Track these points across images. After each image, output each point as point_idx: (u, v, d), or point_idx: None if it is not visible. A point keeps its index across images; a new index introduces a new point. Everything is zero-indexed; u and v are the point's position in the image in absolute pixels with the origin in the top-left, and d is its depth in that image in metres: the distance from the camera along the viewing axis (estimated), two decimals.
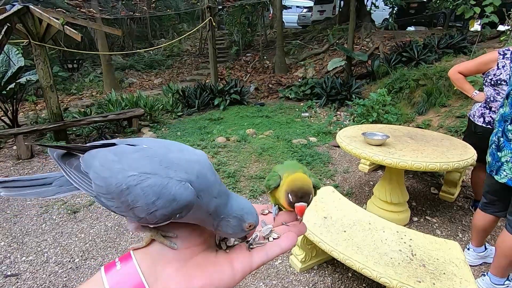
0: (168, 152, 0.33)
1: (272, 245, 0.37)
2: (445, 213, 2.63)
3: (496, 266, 1.77)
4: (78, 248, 2.27)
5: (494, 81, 2.17)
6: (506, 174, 1.64)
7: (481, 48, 5.93)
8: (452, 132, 4.23)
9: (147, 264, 0.31)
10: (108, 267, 0.31)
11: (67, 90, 8.61)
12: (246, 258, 0.35)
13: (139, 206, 0.30)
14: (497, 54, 2.18)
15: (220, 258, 0.35)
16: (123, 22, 12.00)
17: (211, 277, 0.33)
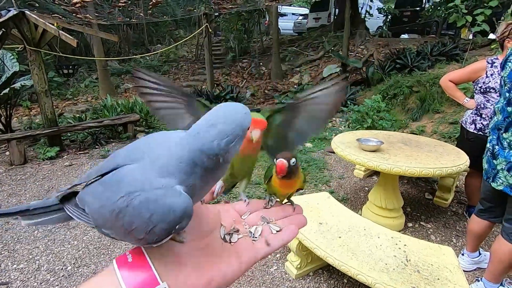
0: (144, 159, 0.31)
1: (275, 237, 0.38)
2: (440, 218, 2.65)
3: (491, 272, 1.78)
4: (70, 255, 2.24)
5: (484, 88, 2.22)
6: (502, 181, 1.66)
7: (473, 55, 6.05)
8: (445, 138, 4.28)
9: (157, 256, 0.32)
10: (120, 260, 0.32)
11: (62, 96, 8.57)
12: (251, 250, 0.37)
13: (136, 227, 0.29)
14: (486, 63, 2.24)
15: (227, 250, 0.36)
16: (120, 28, 12.04)
17: (219, 268, 0.34)
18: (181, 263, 0.33)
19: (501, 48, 2.25)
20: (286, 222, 0.41)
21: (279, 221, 0.41)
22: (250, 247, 0.37)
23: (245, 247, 0.37)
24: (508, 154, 1.59)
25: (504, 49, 2.20)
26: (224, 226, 0.39)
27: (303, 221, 0.41)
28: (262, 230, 0.39)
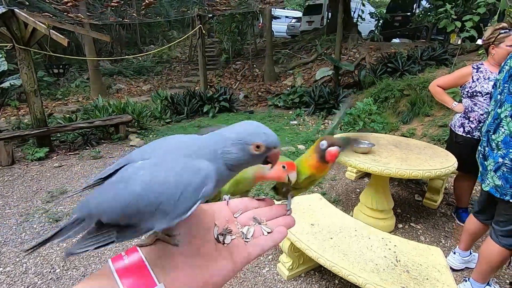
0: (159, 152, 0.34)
1: (266, 238, 0.39)
2: (429, 219, 2.70)
3: (478, 272, 1.81)
4: (59, 258, 2.19)
5: (470, 93, 2.29)
6: (488, 182, 1.70)
7: (461, 60, 6.19)
8: (435, 140, 4.36)
9: (153, 257, 0.33)
10: (116, 260, 0.32)
11: (52, 95, 8.42)
12: (244, 251, 0.38)
13: (163, 200, 0.29)
14: (471, 69, 2.31)
15: (221, 252, 0.37)
16: (112, 28, 11.92)
17: (214, 269, 0.35)
18: (177, 264, 0.33)
19: (487, 53, 2.32)
20: (275, 223, 0.42)
21: (269, 222, 0.42)
22: (243, 248, 0.38)
23: (238, 248, 0.38)
24: (496, 155, 1.63)
25: (489, 55, 2.27)
26: (218, 226, 0.39)
27: (291, 222, 0.43)
28: (254, 231, 0.40)
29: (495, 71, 2.24)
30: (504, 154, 1.58)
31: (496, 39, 2.16)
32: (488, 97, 2.20)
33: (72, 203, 2.96)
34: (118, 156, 4.25)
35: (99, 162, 4.01)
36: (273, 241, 0.39)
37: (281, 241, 0.40)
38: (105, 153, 4.38)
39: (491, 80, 2.20)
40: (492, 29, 2.21)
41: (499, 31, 2.15)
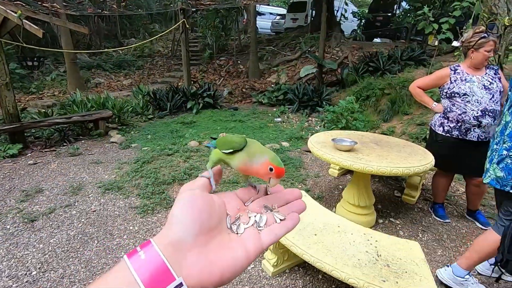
0: None
1: (280, 226, 0.39)
2: (407, 214, 2.80)
3: (467, 258, 1.84)
4: (35, 259, 2.11)
5: (449, 94, 2.38)
6: (490, 174, 1.74)
7: (438, 61, 6.44)
8: (413, 138, 4.53)
9: (169, 252, 0.32)
10: (131, 255, 0.31)
11: (26, 89, 8.00)
12: (257, 240, 0.37)
13: None
14: (449, 70, 2.41)
15: (234, 241, 0.37)
16: (90, 20, 11.45)
17: (228, 260, 0.34)
18: (194, 257, 0.33)
19: (464, 55, 2.42)
20: (287, 209, 0.42)
21: (281, 208, 0.42)
22: (256, 237, 0.38)
23: (251, 237, 0.37)
24: (501, 148, 1.69)
25: (467, 58, 2.37)
26: (230, 216, 0.39)
27: (303, 206, 0.43)
28: (266, 219, 0.40)
29: (471, 73, 2.34)
30: (509, 147, 1.64)
31: (476, 43, 2.25)
32: (465, 97, 2.30)
33: (48, 202, 2.85)
34: (97, 153, 4.11)
35: (78, 159, 3.87)
36: (287, 228, 0.39)
37: (294, 227, 0.40)
38: (84, 149, 4.23)
39: (468, 81, 2.30)
40: (472, 32, 2.30)
41: (479, 35, 2.25)
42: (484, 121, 2.26)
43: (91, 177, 3.39)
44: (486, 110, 2.25)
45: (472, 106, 2.28)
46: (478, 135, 2.33)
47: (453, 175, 2.68)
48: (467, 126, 2.33)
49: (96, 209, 2.75)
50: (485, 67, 2.36)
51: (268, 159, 0.42)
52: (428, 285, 1.46)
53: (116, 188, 3.10)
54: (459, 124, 2.37)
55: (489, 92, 2.26)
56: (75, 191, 3.05)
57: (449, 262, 2.20)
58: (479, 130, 2.32)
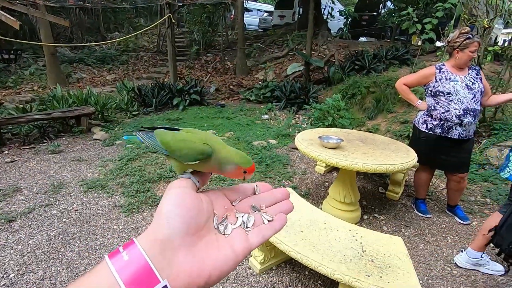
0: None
1: (267, 227, 0.39)
2: (391, 210, 2.88)
3: (477, 240, 2.04)
4: (13, 261, 2.02)
5: (434, 92, 2.44)
6: (508, 170, 1.86)
7: (421, 60, 6.61)
8: (397, 136, 4.64)
9: (156, 251, 0.30)
10: (113, 256, 0.30)
11: (2, 83, 7.65)
12: (245, 241, 0.37)
13: None
14: (435, 69, 2.46)
15: (222, 242, 0.36)
16: (72, 12, 11.04)
17: (217, 261, 0.34)
18: (180, 258, 0.32)
19: (449, 54, 2.48)
20: (275, 209, 0.41)
21: (269, 209, 0.41)
22: (244, 238, 0.37)
23: (239, 238, 0.37)
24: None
25: (452, 57, 2.43)
26: (217, 215, 0.38)
27: (290, 207, 0.43)
28: (254, 219, 0.39)
29: (455, 72, 2.41)
30: None
31: (461, 44, 2.32)
32: (449, 96, 2.36)
33: (27, 201, 2.74)
34: (80, 151, 3.99)
35: (58, 157, 3.74)
36: (274, 229, 0.39)
37: (281, 228, 0.40)
38: (65, 147, 4.09)
39: (452, 80, 2.37)
40: (458, 33, 2.37)
41: (465, 35, 2.31)
42: (465, 120, 2.34)
43: (72, 175, 3.29)
44: (467, 109, 2.33)
45: (455, 105, 2.35)
46: (459, 133, 2.41)
47: (433, 171, 2.77)
48: (449, 124, 2.40)
49: (78, 208, 2.67)
50: (467, 67, 2.44)
51: (239, 164, 0.42)
52: (410, 279, 1.50)
53: (99, 187, 3.02)
54: (442, 122, 2.44)
55: (471, 92, 2.33)
56: (55, 190, 2.95)
57: (430, 257, 2.27)
58: (460, 128, 2.40)
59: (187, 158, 0.41)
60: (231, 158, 0.42)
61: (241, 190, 0.43)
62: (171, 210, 0.34)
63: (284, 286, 1.93)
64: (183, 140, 0.43)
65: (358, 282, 1.47)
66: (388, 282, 1.46)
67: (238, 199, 0.42)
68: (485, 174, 3.51)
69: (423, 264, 2.19)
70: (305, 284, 1.96)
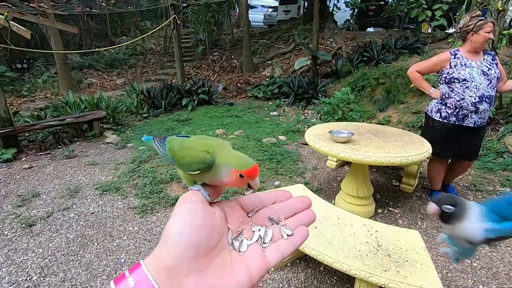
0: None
1: (287, 242, 0.35)
2: (406, 203, 2.82)
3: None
4: (35, 264, 2.09)
5: (448, 79, 2.36)
6: None
7: (432, 49, 6.43)
8: (409, 127, 4.53)
9: (163, 278, 0.29)
10: (119, 282, 0.28)
11: (17, 92, 7.88)
12: (262, 260, 0.34)
13: None
14: (449, 54, 2.38)
15: (236, 262, 0.33)
16: (80, 19, 11.25)
17: (230, 285, 0.31)
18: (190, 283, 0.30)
19: (463, 40, 2.40)
20: (296, 221, 0.38)
21: (288, 220, 0.38)
22: (261, 256, 0.34)
23: (255, 255, 0.34)
24: None
25: (467, 42, 2.34)
26: (231, 230, 0.36)
27: (312, 218, 0.38)
28: (272, 233, 0.36)
29: (471, 57, 2.32)
30: None
31: (475, 26, 2.24)
32: (464, 83, 2.29)
33: (45, 206, 2.82)
34: (93, 155, 4.08)
35: (73, 162, 3.83)
36: (294, 245, 0.35)
37: (303, 243, 0.36)
38: (80, 151, 4.19)
39: (467, 66, 2.28)
40: (469, 17, 2.29)
41: (477, 18, 2.24)
42: (481, 107, 2.27)
43: (88, 179, 3.36)
44: (483, 96, 2.25)
45: (470, 92, 2.28)
46: (475, 121, 2.34)
47: (447, 161, 2.69)
48: (465, 112, 2.33)
49: (94, 211, 2.73)
50: (482, 52, 2.35)
51: (233, 167, 0.36)
52: (429, 273, 1.46)
53: (113, 189, 3.08)
54: (457, 110, 2.37)
55: (487, 78, 2.25)
56: (72, 193, 3.02)
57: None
58: (476, 116, 2.32)
59: (189, 167, 0.38)
60: (225, 161, 0.37)
61: (258, 199, 0.39)
62: (180, 232, 0.31)
63: (299, 283, 1.92)
64: (188, 148, 0.40)
65: (375, 277, 1.45)
66: (405, 277, 1.44)
67: (254, 210, 0.39)
68: (504, 163, 3.40)
69: (442, 257, 2.14)
70: (321, 280, 1.95)
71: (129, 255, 2.18)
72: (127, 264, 2.10)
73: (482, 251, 2.18)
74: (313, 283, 1.92)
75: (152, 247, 2.27)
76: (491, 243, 0.40)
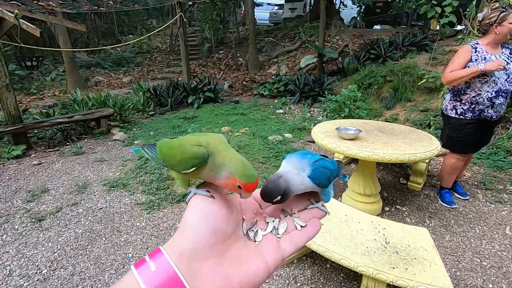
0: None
1: (300, 234, 0.36)
2: (413, 201, 2.79)
3: None
4: (45, 258, 2.12)
5: None
6: None
7: (441, 45, 6.34)
8: (417, 125, 4.48)
9: (183, 263, 0.29)
10: (139, 265, 0.29)
11: (26, 90, 8.00)
12: (277, 249, 0.34)
13: None
14: (470, 48, 2.32)
15: (252, 251, 0.34)
16: (87, 17, 11.36)
17: (246, 273, 0.31)
18: (209, 269, 0.30)
19: (483, 33, 2.33)
20: (308, 214, 0.38)
21: (301, 213, 0.38)
22: (275, 246, 0.34)
23: (270, 246, 0.34)
24: None
25: (489, 34, 2.28)
26: (246, 221, 0.36)
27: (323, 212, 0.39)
28: (287, 225, 0.36)
29: (490, 51, 2.26)
30: None
31: (498, 17, 2.19)
32: (484, 78, 2.25)
33: (54, 201, 2.86)
34: (101, 151, 4.12)
35: (81, 158, 3.88)
36: (307, 236, 0.36)
37: (316, 235, 0.37)
38: (87, 148, 4.24)
39: (487, 60, 2.23)
40: (490, 9, 2.24)
41: (499, 10, 2.19)
42: (497, 102, 2.26)
43: (95, 175, 3.40)
44: (500, 90, 2.24)
45: (488, 87, 2.25)
46: (491, 115, 2.32)
47: (466, 157, 2.62)
48: (481, 107, 2.31)
49: (102, 207, 2.76)
50: (500, 45, 2.31)
51: (234, 173, 0.34)
52: (438, 271, 1.45)
53: (121, 186, 3.11)
54: (472, 106, 2.34)
55: (505, 73, 2.23)
56: (80, 189, 3.06)
57: (457, 248, 2.19)
58: (492, 110, 2.31)
59: (182, 166, 0.36)
60: (228, 163, 0.34)
61: None
62: (198, 219, 0.32)
63: (306, 279, 1.92)
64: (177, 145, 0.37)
65: (383, 275, 1.44)
66: (414, 274, 1.42)
67: None
68: None
69: (450, 256, 2.11)
70: (327, 277, 1.94)
71: (136, 250, 2.20)
72: (135, 259, 2.12)
73: (492, 250, 2.15)
74: (319, 280, 1.91)
75: (159, 242, 2.29)
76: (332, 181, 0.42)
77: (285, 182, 0.37)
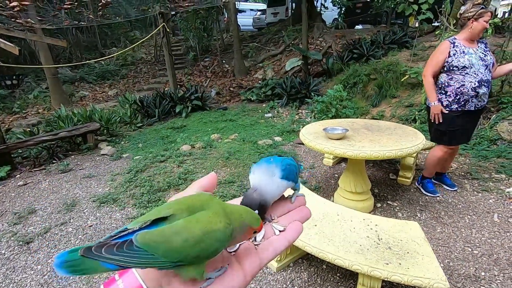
0: None
1: (279, 239, 0.35)
2: (404, 196, 2.83)
3: None
4: (35, 282, 2.06)
5: (447, 67, 2.41)
6: None
7: (421, 42, 6.51)
8: (403, 120, 4.57)
9: (152, 279, 0.28)
10: (109, 285, 0.28)
11: (8, 109, 7.81)
12: (255, 258, 0.33)
13: None
14: (449, 43, 2.42)
15: (228, 261, 0.33)
16: (68, 32, 11.21)
17: (222, 284, 0.30)
18: (179, 283, 0.29)
19: (461, 26, 2.43)
20: (289, 218, 0.37)
21: (281, 218, 0.37)
22: (253, 254, 0.33)
23: (248, 254, 0.33)
24: None
25: (466, 28, 2.38)
26: None
27: (307, 214, 0.38)
28: (264, 232, 0.35)
29: (468, 45, 2.38)
30: None
31: (477, 13, 2.28)
32: (464, 70, 2.34)
33: (42, 222, 2.78)
34: (89, 167, 4.04)
35: (69, 175, 3.79)
36: (287, 240, 0.35)
37: (297, 238, 0.35)
38: (75, 165, 4.15)
39: (466, 54, 2.34)
40: (471, 4, 2.34)
41: (479, 6, 2.29)
42: (481, 91, 2.34)
43: (84, 192, 3.33)
44: (482, 80, 2.33)
45: (470, 78, 2.34)
46: (475, 104, 2.40)
47: (453, 149, 2.68)
48: (466, 97, 2.39)
49: (92, 224, 2.70)
50: (476, 41, 2.41)
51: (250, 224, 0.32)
52: (431, 263, 1.47)
53: (111, 201, 3.05)
54: (457, 97, 2.41)
55: (485, 64, 2.33)
56: (69, 208, 2.99)
57: (449, 239, 2.23)
58: (476, 99, 2.39)
59: (204, 254, 0.28)
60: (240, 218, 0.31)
61: None
62: None
63: (303, 282, 1.92)
64: (188, 228, 0.28)
65: (378, 271, 1.45)
66: (407, 268, 1.44)
67: None
68: (498, 150, 3.43)
69: (442, 247, 2.15)
70: (324, 277, 1.94)
71: None
72: None
73: (482, 238, 2.20)
74: (316, 282, 1.91)
75: None
76: None
77: (259, 195, 0.36)
